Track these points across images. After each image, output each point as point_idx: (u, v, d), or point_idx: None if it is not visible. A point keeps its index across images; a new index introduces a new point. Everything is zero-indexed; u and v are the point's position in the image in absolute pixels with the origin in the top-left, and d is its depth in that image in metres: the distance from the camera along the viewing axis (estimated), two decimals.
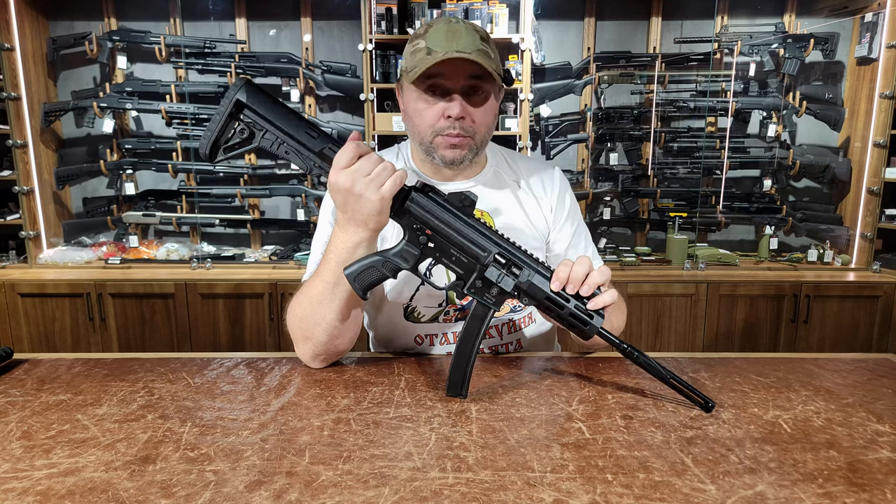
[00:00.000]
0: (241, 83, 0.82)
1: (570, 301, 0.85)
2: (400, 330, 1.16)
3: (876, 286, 2.70)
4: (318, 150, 0.82)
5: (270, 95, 0.84)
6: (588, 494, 0.62)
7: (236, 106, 0.82)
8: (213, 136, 0.83)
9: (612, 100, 3.08)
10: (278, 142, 0.82)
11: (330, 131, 2.89)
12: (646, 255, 2.98)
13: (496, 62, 1.04)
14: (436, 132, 1.05)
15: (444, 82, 1.02)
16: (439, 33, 1.00)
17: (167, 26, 2.94)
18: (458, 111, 1.02)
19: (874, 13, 2.77)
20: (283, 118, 0.82)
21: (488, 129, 1.09)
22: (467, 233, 0.85)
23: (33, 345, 2.71)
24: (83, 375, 0.95)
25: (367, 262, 0.87)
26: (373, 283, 0.88)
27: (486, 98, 1.06)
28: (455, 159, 1.07)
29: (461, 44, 0.99)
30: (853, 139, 2.95)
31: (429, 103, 1.04)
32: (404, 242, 0.87)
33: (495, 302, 0.86)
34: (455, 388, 0.86)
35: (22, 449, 0.71)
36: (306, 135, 0.82)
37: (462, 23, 1.03)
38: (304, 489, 0.63)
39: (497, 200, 1.17)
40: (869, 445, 0.73)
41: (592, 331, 0.85)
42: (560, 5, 3.00)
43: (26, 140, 2.79)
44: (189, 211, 3.03)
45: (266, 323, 2.69)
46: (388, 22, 2.71)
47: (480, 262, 0.85)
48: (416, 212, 0.85)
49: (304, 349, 0.98)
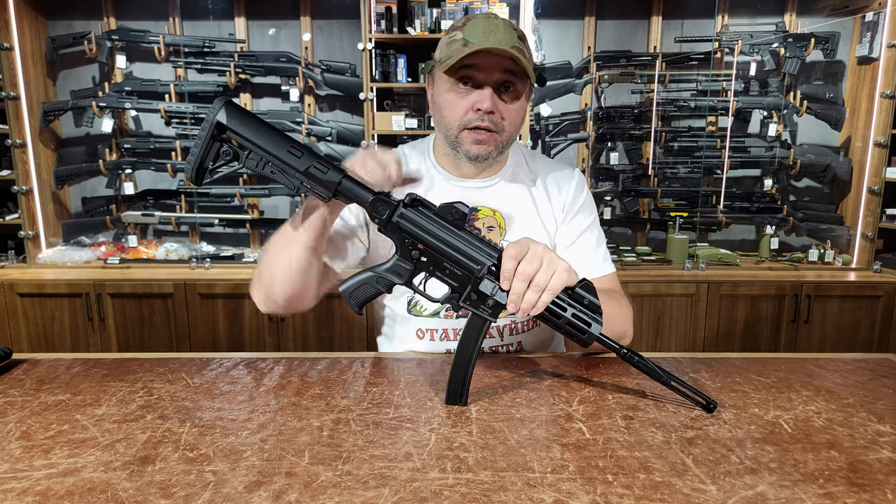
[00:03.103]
0: (220, 104, 0.80)
1: (567, 310, 0.83)
2: (403, 322, 1.16)
3: (877, 286, 2.70)
4: (303, 170, 0.80)
5: (252, 114, 0.81)
6: (588, 495, 0.62)
7: (217, 128, 0.80)
8: (197, 161, 0.80)
9: (613, 99, 3.08)
10: (263, 161, 0.80)
11: (330, 131, 2.91)
12: (646, 255, 2.98)
13: (530, 62, 1.04)
14: (463, 125, 1.05)
15: (477, 74, 1.02)
16: (478, 27, 1.00)
17: (166, 25, 2.93)
18: (489, 105, 1.02)
19: (875, 12, 2.77)
20: (266, 137, 0.80)
21: (515, 129, 1.09)
22: (459, 246, 0.83)
23: (32, 345, 2.70)
24: (82, 375, 0.95)
25: (361, 279, 0.87)
26: (367, 299, 0.88)
27: (518, 96, 1.06)
28: (480, 155, 1.07)
29: (498, 38, 0.99)
30: (854, 139, 2.95)
31: (460, 94, 1.04)
32: (396, 258, 0.86)
33: (491, 314, 0.85)
34: (454, 398, 0.85)
35: (21, 449, 0.71)
36: (289, 154, 0.79)
37: (501, 19, 1.03)
38: (304, 490, 0.63)
39: (511, 199, 1.17)
40: (870, 446, 0.73)
41: (591, 338, 0.84)
42: (560, 4, 3.00)
43: (25, 140, 2.78)
44: (188, 211, 3.03)
45: (265, 323, 2.69)
46: (387, 21, 2.70)
47: (474, 275, 0.83)
48: (405, 227, 0.83)
49: (255, 289, 1.02)
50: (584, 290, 0.84)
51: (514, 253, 0.80)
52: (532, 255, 0.80)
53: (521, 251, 0.81)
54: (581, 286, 0.84)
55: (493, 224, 1.15)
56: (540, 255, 0.81)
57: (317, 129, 2.91)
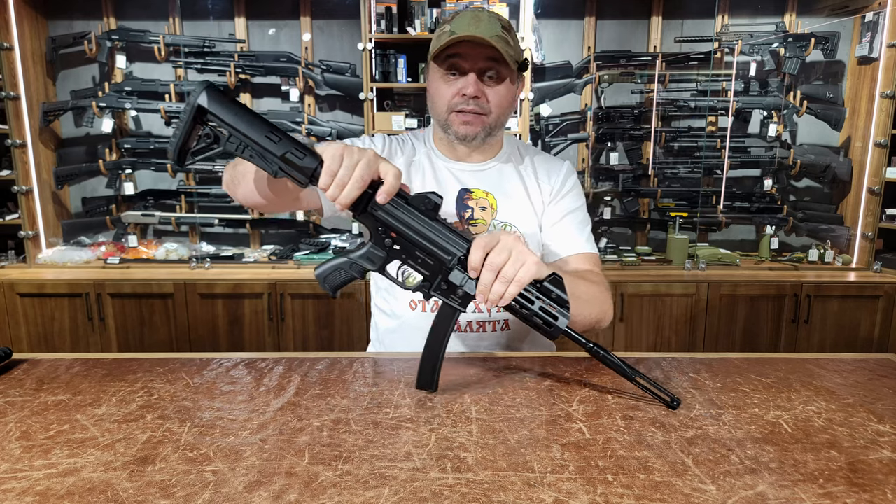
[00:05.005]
0: (201, 88, 0.81)
1: (535, 303, 0.84)
2: (397, 293, 1.21)
3: (877, 286, 2.70)
4: (280, 154, 0.81)
5: (232, 99, 0.83)
6: (588, 495, 0.62)
7: (199, 111, 0.81)
8: (179, 143, 0.82)
9: (613, 99, 3.08)
10: (242, 145, 0.81)
11: (330, 131, 2.91)
12: (646, 255, 2.98)
13: (514, 50, 1.12)
14: (451, 108, 1.14)
15: (461, 63, 1.11)
16: (464, 19, 1.10)
17: (166, 25, 2.94)
18: (473, 90, 1.10)
19: (875, 12, 2.77)
20: (245, 122, 0.81)
21: (502, 110, 1.16)
22: (430, 236, 0.85)
23: (32, 345, 2.70)
24: (82, 375, 0.95)
25: (335, 264, 0.89)
26: (341, 283, 0.90)
27: (501, 80, 1.13)
28: (468, 135, 1.15)
29: (481, 29, 1.07)
30: (854, 139, 2.95)
31: (448, 82, 1.13)
32: (370, 245, 0.88)
33: (461, 304, 0.86)
34: (424, 384, 0.88)
35: (21, 449, 0.71)
36: (267, 139, 0.80)
37: (486, 11, 1.12)
38: (304, 490, 0.63)
39: (503, 182, 1.23)
40: (870, 446, 0.73)
41: (557, 332, 0.85)
42: (560, 4, 3.00)
43: (25, 140, 2.78)
44: (188, 210, 3.03)
45: (265, 323, 2.69)
46: (387, 21, 2.70)
47: (445, 264, 0.85)
48: (379, 216, 0.84)
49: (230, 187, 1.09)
50: (553, 284, 0.85)
51: (482, 244, 0.82)
52: (501, 246, 0.82)
53: (490, 242, 0.82)
54: (549, 280, 0.85)
55: (485, 205, 1.20)
56: (509, 248, 0.82)
57: (317, 129, 2.91)
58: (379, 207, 0.84)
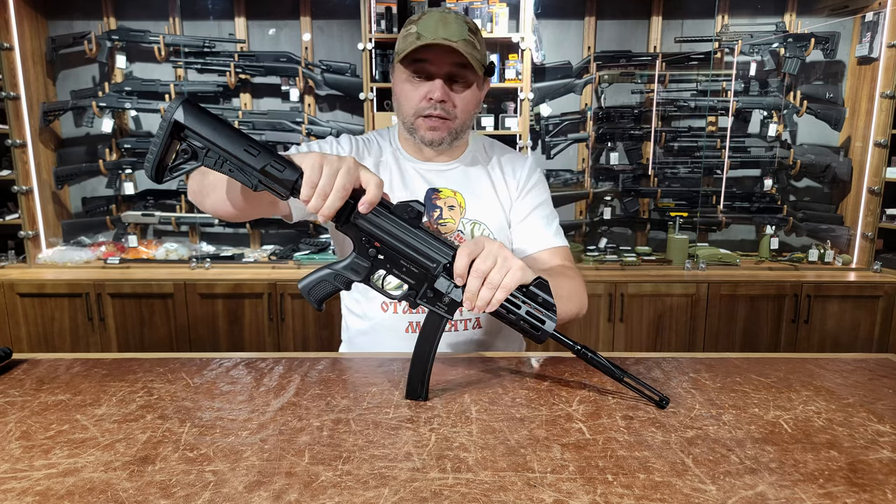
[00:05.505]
0: (177, 103, 0.79)
1: (522, 308, 0.84)
2: (369, 295, 1.20)
3: (877, 286, 2.70)
4: (260, 168, 0.79)
5: (209, 113, 0.81)
6: (588, 495, 0.62)
7: (175, 126, 0.79)
8: (156, 159, 0.80)
9: (613, 99, 3.08)
10: (221, 160, 0.79)
11: (330, 131, 2.91)
12: (646, 255, 2.98)
13: (481, 54, 1.12)
14: (417, 112, 1.13)
15: (429, 67, 1.10)
16: (431, 20, 1.08)
17: (166, 25, 2.94)
18: (440, 95, 1.10)
19: (875, 12, 2.77)
20: (223, 136, 0.79)
21: (468, 115, 1.17)
22: (415, 244, 0.84)
23: (32, 345, 2.70)
24: (82, 375, 0.95)
25: (319, 276, 0.88)
26: (326, 295, 0.89)
27: (468, 86, 1.13)
28: (434, 140, 1.15)
29: (449, 32, 1.06)
30: (854, 139, 2.95)
31: (414, 85, 1.12)
32: (354, 255, 0.87)
33: (447, 311, 0.86)
34: (413, 392, 0.86)
35: (21, 449, 0.71)
36: (246, 153, 0.79)
37: (453, 13, 1.11)
38: (304, 490, 0.63)
39: (470, 180, 1.23)
40: (870, 446, 0.73)
41: (545, 336, 0.85)
42: (560, 4, 3.00)
43: (25, 140, 2.78)
44: (188, 210, 3.03)
45: (265, 323, 2.69)
46: (387, 21, 2.71)
47: (430, 272, 0.84)
48: (362, 225, 0.83)
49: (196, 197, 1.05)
50: (539, 288, 0.85)
51: (468, 251, 0.82)
52: (486, 253, 0.82)
53: (475, 249, 0.82)
54: (535, 284, 0.85)
55: (453, 204, 1.21)
56: (494, 254, 0.82)
57: (317, 129, 2.91)
58: (362, 217, 0.83)
